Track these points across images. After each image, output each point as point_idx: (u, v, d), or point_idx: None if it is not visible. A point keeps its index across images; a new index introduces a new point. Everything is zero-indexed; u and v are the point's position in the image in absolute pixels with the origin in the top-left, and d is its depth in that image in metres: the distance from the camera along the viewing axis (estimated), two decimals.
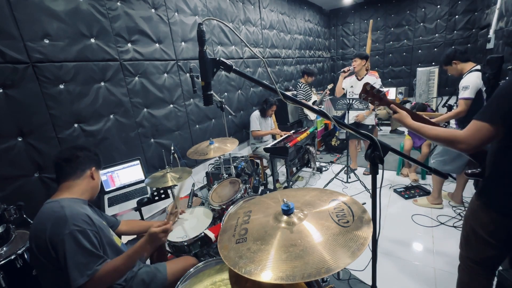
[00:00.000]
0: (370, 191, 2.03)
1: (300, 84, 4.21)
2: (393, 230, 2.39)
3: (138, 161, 2.30)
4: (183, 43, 2.91)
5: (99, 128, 2.17)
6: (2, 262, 1.23)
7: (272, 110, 3.55)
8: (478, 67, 2.21)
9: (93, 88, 2.12)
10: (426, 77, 5.32)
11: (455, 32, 5.64)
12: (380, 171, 1.00)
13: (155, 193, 1.89)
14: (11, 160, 1.68)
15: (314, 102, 4.26)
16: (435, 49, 5.92)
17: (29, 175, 1.78)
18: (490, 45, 3.89)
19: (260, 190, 2.35)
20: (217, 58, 0.91)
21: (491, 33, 3.88)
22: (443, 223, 2.41)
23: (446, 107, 2.87)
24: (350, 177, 3.46)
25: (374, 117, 3.45)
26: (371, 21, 4.82)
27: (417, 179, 3.26)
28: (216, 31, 3.37)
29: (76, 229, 1.02)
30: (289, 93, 2.07)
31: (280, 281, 0.70)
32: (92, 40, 2.09)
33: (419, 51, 6.13)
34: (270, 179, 3.39)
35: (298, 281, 0.70)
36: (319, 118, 4.54)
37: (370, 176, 1.04)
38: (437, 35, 5.85)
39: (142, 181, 2.25)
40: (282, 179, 3.66)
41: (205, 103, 0.96)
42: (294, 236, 0.83)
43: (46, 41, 1.82)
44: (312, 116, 4.30)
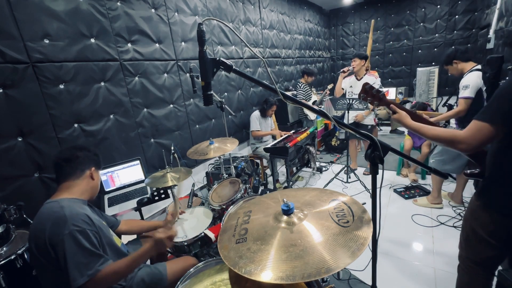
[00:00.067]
0: (370, 191, 2.03)
1: (300, 84, 4.21)
2: (393, 230, 2.39)
3: (138, 161, 2.29)
4: (183, 43, 2.91)
5: (99, 128, 2.17)
6: (2, 262, 1.23)
7: (272, 110, 3.55)
8: (479, 67, 2.21)
9: (93, 88, 2.12)
10: (426, 77, 5.32)
11: (455, 32, 5.64)
12: (380, 171, 1.00)
13: (155, 193, 1.89)
14: (11, 160, 1.68)
15: (314, 102, 4.26)
16: (435, 49, 5.92)
17: (29, 175, 1.78)
18: (490, 45, 3.89)
19: (260, 190, 2.36)
20: (217, 58, 0.91)
21: (491, 33, 3.88)
22: (443, 223, 2.41)
23: (447, 107, 2.87)
24: (350, 177, 3.46)
25: (375, 117, 3.45)
26: (373, 21, 4.78)
27: (416, 179, 3.26)
28: (216, 31, 3.37)
29: (76, 229, 1.02)
30: (289, 93, 2.07)
31: (280, 281, 0.70)
32: (92, 40, 2.09)
33: (419, 51, 6.12)
34: (270, 179, 3.39)
35: (298, 281, 0.70)
36: (319, 118, 4.54)
37: (370, 176, 1.04)
38: (437, 35, 5.85)
39: (142, 181, 2.25)
40: (282, 179, 3.66)
41: (205, 103, 0.96)
42: (294, 236, 0.83)
43: (46, 41, 1.82)
44: (312, 116, 4.30)
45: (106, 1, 2.16)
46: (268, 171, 3.58)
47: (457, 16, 5.55)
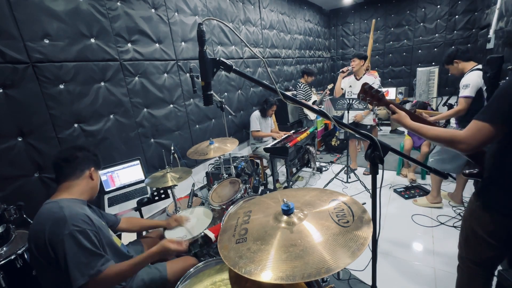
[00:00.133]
0: (370, 191, 2.03)
1: (300, 84, 4.21)
2: (393, 230, 2.39)
3: (138, 161, 2.30)
4: (183, 43, 2.90)
5: (99, 128, 2.17)
6: (2, 262, 1.23)
7: (273, 110, 3.55)
8: (480, 67, 2.21)
9: (93, 88, 2.12)
10: (426, 77, 5.32)
11: (455, 32, 5.64)
12: (380, 171, 1.00)
13: (155, 193, 1.89)
14: (11, 160, 1.68)
15: (314, 102, 4.26)
16: (435, 49, 5.92)
17: (29, 175, 1.78)
18: (490, 45, 3.89)
19: (260, 190, 2.35)
20: (217, 58, 0.91)
21: (491, 33, 3.87)
22: (443, 223, 2.41)
23: (447, 106, 2.87)
24: (350, 177, 3.46)
25: (375, 117, 3.45)
26: (374, 21, 4.75)
27: (415, 179, 3.26)
28: (216, 31, 3.37)
29: (76, 229, 1.01)
30: (289, 93, 2.07)
31: (280, 281, 0.70)
32: (92, 40, 2.09)
33: (419, 51, 6.12)
34: (270, 179, 3.39)
35: (298, 281, 0.70)
36: (319, 118, 4.54)
37: (370, 176, 1.04)
38: (437, 35, 5.85)
39: (142, 181, 2.25)
40: (282, 179, 3.66)
41: (205, 103, 0.96)
42: (294, 236, 0.83)
43: (46, 41, 1.82)
44: (312, 116, 4.30)
45: (106, 1, 2.16)
46: (268, 171, 3.58)
47: (457, 16, 5.55)
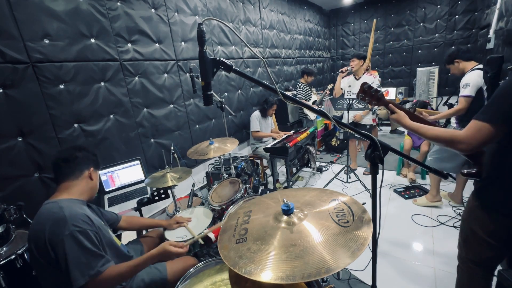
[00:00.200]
0: (370, 191, 2.03)
1: (300, 84, 4.21)
2: (393, 230, 2.39)
3: (138, 161, 2.30)
4: (183, 43, 2.90)
5: (99, 128, 2.17)
6: (2, 262, 1.23)
7: (273, 110, 3.55)
8: (480, 66, 2.22)
9: (93, 88, 2.12)
10: (426, 77, 5.32)
11: (455, 32, 5.64)
12: (380, 171, 1.00)
13: (155, 193, 1.89)
14: (11, 160, 1.68)
15: (314, 102, 4.26)
16: (435, 49, 5.92)
17: (29, 175, 1.78)
18: (490, 45, 3.89)
19: (260, 190, 2.35)
20: (217, 58, 0.91)
21: (491, 33, 3.88)
22: (443, 223, 2.40)
23: (447, 106, 2.87)
24: (350, 177, 3.46)
25: (375, 117, 3.45)
26: (375, 21, 4.71)
27: (414, 179, 3.27)
28: (216, 31, 3.37)
29: (76, 230, 1.01)
30: (289, 93, 2.07)
31: (280, 281, 0.70)
32: (92, 40, 2.09)
33: (419, 51, 6.12)
34: (270, 179, 3.39)
35: (298, 281, 0.70)
36: (319, 118, 4.54)
37: (370, 176, 1.04)
38: (437, 35, 5.85)
39: (142, 181, 2.25)
40: (282, 179, 3.66)
41: (205, 103, 0.96)
42: (294, 236, 0.83)
43: (46, 41, 1.82)
44: (312, 116, 4.30)
45: (106, 1, 2.16)
46: (268, 171, 3.58)
47: (457, 16, 5.55)
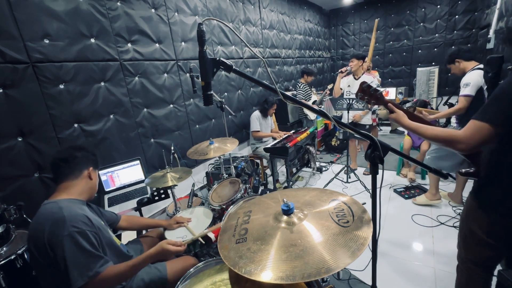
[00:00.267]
0: (370, 191, 2.03)
1: (300, 84, 4.21)
2: (393, 230, 2.39)
3: (138, 161, 2.30)
4: (183, 43, 2.90)
5: (99, 128, 2.17)
6: (2, 262, 1.23)
7: (273, 109, 3.56)
8: (481, 66, 2.22)
9: (93, 88, 2.12)
10: (426, 77, 5.33)
11: (455, 32, 5.64)
12: (380, 171, 1.00)
13: (155, 193, 1.89)
14: (11, 160, 1.68)
15: (314, 102, 4.26)
16: (435, 49, 5.92)
17: (29, 175, 1.78)
18: (490, 45, 3.89)
19: (260, 190, 2.35)
20: (217, 58, 0.91)
21: (491, 33, 3.87)
22: (443, 223, 2.40)
23: (447, 105, 2.87)
24: (350, 177, 3.46)
25: (375, 117, 3.45)
26: (377, 20, 4.65)
27: (414, 179, 3.27)
28: (216, 31, 3.37)
29: (75, 231, 1.01)
30: (289, 93, 2.07)
31: (280, 281, 0.70)
32: (92, 40, 2.09)
33: (419, 51, 6.12)
34: (270, 179, 3.39)
35: (298, 281, 0.70)
36: (319, 118, 4.54)
37: (370, 176, 1.03)
38: (437, 35, 5.85)
39: (142, 181, 2.25)
40: (282, 179, 3.66)
41: (205, 103, 0.96)
42: (294, 236, 0.83)
43: (46, 41, 1.82)
44: (312, 116, 4.30)
45: (106, 1, 2.16)
46: (268, 171, 3.58)
47: (457, 16, 5.55)
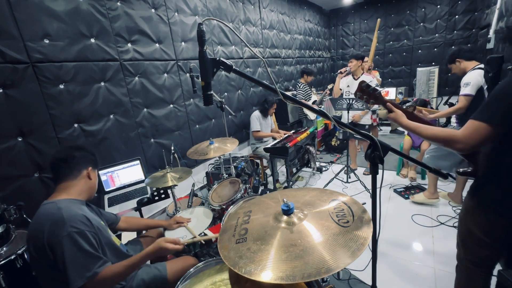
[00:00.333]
0: (370, 191, 2.03)
1: (300, 84, 4.21)
2: (393, 230, 2.39)
3: (138, 161, 2.30)
4: (183, 43, 2.90)
5: (99, 128, 2.17)
6: (2, 262, 1.23)
7: (273, 109, 3.56)
8: (481, 66, 2.22)
9: (93, 88, 2.12)
10: (426, 77, 5.33)
11: (455, 32, 5.64)
12: (380, 171, 1.00)
13: (155, 193, 1.89)
14: (11, 160, 1.68)
15: (314, 102, 4.26)
16: (435, 49, 5.92)
17: (29, 175, 1.78)
18: (490, 45, 3.89)
19: (260, 190, 2.36)
20: (217, 58, 0.91)
21: (491, 33, 3.88)
22: (443, 223, 2.40)
23: (448, 105, 2.87)
24: (350, 177, 3.46)
25: (376, 117, 3.45)
26: (379, 20, 4.61)
27: (415, 177, 3.28)
28: (216, 31, 3.37)
29: (74, 231, 1.01)
30: (289, 93, 2.07)
31: (280, 281, 0.70)
32: (92, 40, 2.09)
33: (419, 51, 6.13)
34: (270, 179, 3.39)
35: (298, 281, 0.70)
36: (319, 118, 4.54)
37: (370, 176, 1.03)
38: (437, 35, 5.85)
39: (142, 181, 2.25)
40: (282, 179, 3.66)
41: (205, 103, 0.96)
42: (294, 236, 0.83)
43: (46, 41, 1.82)
44: (312, 116, 4.30)
45: (106, 1, 2.16)
46: (268, 171, 3.58)
47: (457, 16, 5.55)
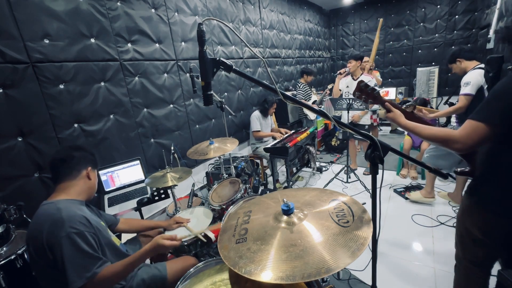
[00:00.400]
0: (370, 191, 2.03)
1: (300, 84, 4.21)
2: (393, 230, 2.39)
3: (138, 161, 2.29)
4: (183, 43, 2.90)
5: (99, 128, 2.17)
6: (2, 262, 1.23)
7: (273, 109, 3.57)
8: (482, 66, 2.22)
9: (93, 88, 2.12)
10: (426, 77, 5.33)
11: (455, 32, 5.64)
12: (380, 171, 1.00)
13: (155, 193, 1.89)
14: (11, 160, 1.68)
15: (314, 102, 4.26)
16: (435, 49, 5.92)
17: (29, 175, 1.78)
18: (490, 45, 3.89)
19: (260, 190, 2.35)
20: (217, 58, 0.91)
21: (491, 33, 3.87)
22: (443, 223, 2.40)
23: (448, 105, 2.87)
24: (350, 177, 3.46)
25: (376, 117, 3.45)
26: (381, 20, 4.57)
27: (416, 177, 3.29)
28: (216, 31, 3.37)
29: (73, 232, 1.01)
30: (289, 93, 2.07)
31: (280, 281, 0.70)
32: (92, 40, 2.09)
33: (419, 51, 6.13)
34: (270, 179, 3.39)
35: (298, 281, 0.70)
36: (319, 118, 4.54)
37: (370, 176, 1.03)
38: (437, 35, 5.85)
39: (142, 181, 2.25)
40: (282, 179, 3.66)
41: (205, 103, 0.96)
42: (294, 236, 0.83)
43: (46, 41, 1.82)
44: (312, 116, 4.30)
45: (106, 1, 2.16)
46: (268, 171, 3.58)
47: (457, 16, 5.55)
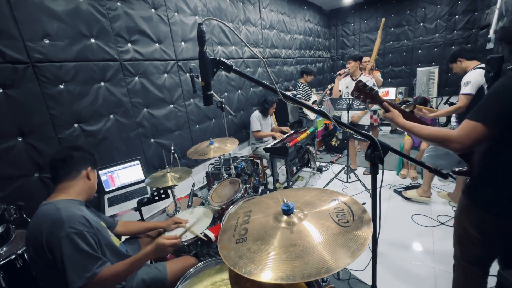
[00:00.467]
0: (370, 191, 2.03)
1: (300, 84, 4.21)
2: (393, 230, 2.39)
3: (138, 161, 2.29)
4: (183, 43, 2.90)
5: (99, 128, 2.17)
6: (2, 262, 1.23)
7: (273, 109, 3.57)
8: (482, 65, 2.23)
9: (93, 88, 2.12)
10: (426, 77, 5.33)
11: (455, 32, 5.64)
12: (380, 171, 1.00)
13: (155, 193, 1.89)
14: (11, 160, 1.68)
15: (314, 102, 4.26)
16: (435, 49, 5.92)
17: (29, 175, 1.78)
18: (490, 45, 3.89)
19: (260, 190, 2.36)
20: (217, 58, 0.91)
21: (491, 33, 3.88)
22: (443, 223, 2.40)
23: (448, 105, 2.87)
24: (350, 177, 3.46)
25: (376, 117, 3.45)
26: (383, 20, 4.48)
27: (416, 176, 3.29)
28: (216, 31, 3.37)
29: (73, 232, 1.01)
30: (289, 93, 2.07)
31: (280, 281, 0.70)
32: (92, 40, 2.09)
33: (419, 51, 6.12)
34: (270, 179, 3.39)
35: (298, 281, 0.70)
36: (319, 118, 4.54)
37: (370, 176, 1.04)
38: (437, 35, 5.85)
39: (142, 181, 2.25)
40: (282, 179, 3.66)
41: (205, 103, 0.96)
42: (294, 236, 0.83)
43: (46, 41, 1.82)
44: (312, 116, 4.30)
45: (106, 1, 2.16)
46: (268, 171, 3.58)
47: (457, 16, 5.55)
